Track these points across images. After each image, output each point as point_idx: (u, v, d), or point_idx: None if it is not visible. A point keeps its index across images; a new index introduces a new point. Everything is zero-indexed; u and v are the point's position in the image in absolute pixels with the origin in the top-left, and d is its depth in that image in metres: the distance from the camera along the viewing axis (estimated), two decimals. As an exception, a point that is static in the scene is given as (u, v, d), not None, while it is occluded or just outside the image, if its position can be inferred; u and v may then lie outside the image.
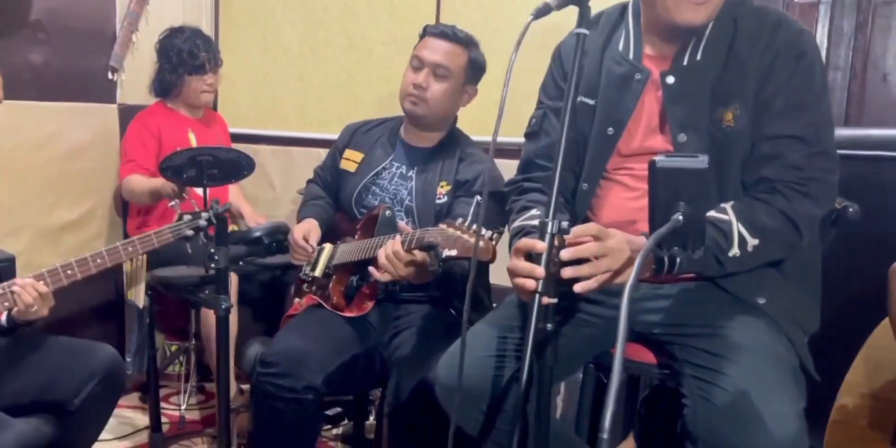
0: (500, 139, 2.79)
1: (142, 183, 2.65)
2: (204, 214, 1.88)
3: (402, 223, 1.96)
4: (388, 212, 2.04)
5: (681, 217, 1.06)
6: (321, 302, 2.12)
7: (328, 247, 2.12)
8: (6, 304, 1.66)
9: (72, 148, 2.81)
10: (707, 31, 1.43)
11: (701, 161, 1.07)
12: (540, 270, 1.16)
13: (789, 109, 1.37)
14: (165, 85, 2.83)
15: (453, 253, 1.66)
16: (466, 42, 2.09)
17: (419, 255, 1.76)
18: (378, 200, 2.14)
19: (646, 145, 1.48)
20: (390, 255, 1.78)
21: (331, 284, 2.11)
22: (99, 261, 1.76)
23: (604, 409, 0.81)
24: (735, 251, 1.32)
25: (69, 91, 2.79)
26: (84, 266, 1.75)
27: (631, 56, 1.49)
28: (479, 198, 1.96)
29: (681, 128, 1.43)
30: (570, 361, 1.37)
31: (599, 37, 1.53)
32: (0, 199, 2.59)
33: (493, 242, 1.64)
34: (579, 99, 1.51)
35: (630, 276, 1.15)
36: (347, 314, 2.07)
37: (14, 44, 2.58)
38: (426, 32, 2.12)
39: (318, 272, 2.10)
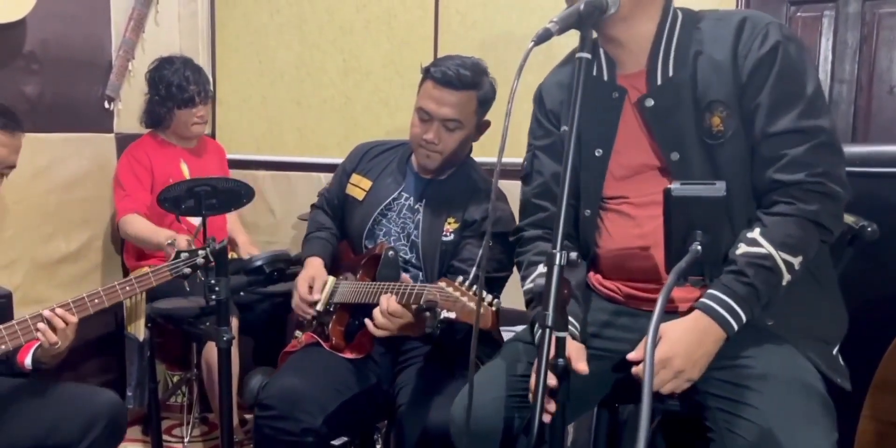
0: (506, 160, 2.78)
1: (143, 231, 2.60)
2: (201, 252, 1.85)
3: (404, 275, 1.88)
4: (390, 252, 1.96)
5: (699, 247, 1.01)
6: (320, 341, 2.06)
7: (331, 280, 2.06)
8: (3, 347, 1.62)
9: (68, 178, 2.77)
10: (674, 46, 1.41)
11: (718, 189, 1.03)
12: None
13: (779, 104, 1.34)
14: (155, 117, 2.79)
15: (452, 315, 1.61)
16: (474, 83, 1.92)
17: (416, 311, 1.72)
18: (384, 233, 2.07)
19: (636, 164, 1.46)
20: (385, 313, 1.75)
21: (331, 323, 2.04)
22: (97, 301, 1.74)
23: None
24: (787, 277, 1.30)
25: (65, 121, 2.76)
26: (81, 306, 1.72)
27: (605, 77, 1.48)
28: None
29: (671, 147, 1.41)
30: (584, 398, 1.33)
31: (574, 72, 1.52)
32: (-4, 232, 2.55)
33: (493, 308, 1.59)
34: (563, 128, 1.52)
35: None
36: (347, 355, 2.01)
37: (8, 75, 2.56)
38: (428, 76, 1.95)
39: (319, 306, 2.04)
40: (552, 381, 1.20)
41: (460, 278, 1.66)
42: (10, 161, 1.65)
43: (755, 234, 1.31)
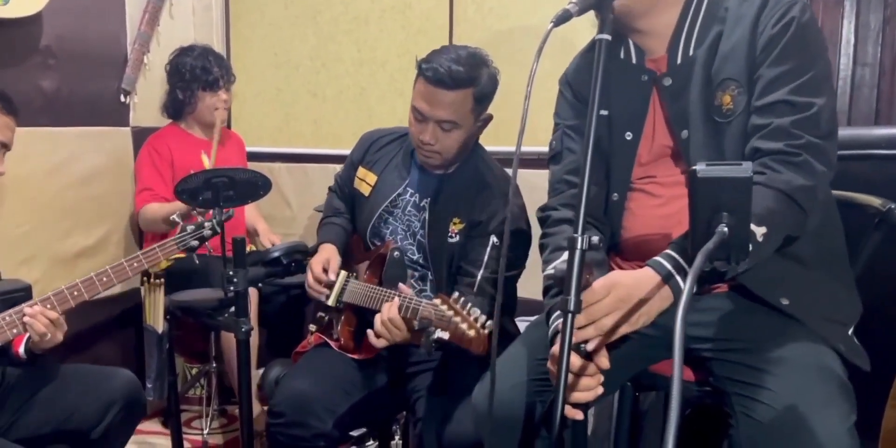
0: (513, 149, 2.75)
1: (160, 209, 2.62)
2: (207, 224, 1.86)
3: (402, 285, 1.82)
4: (395, 253, 1.93)
5: (726, 229, 0.99)
6: (329, 342, 2.04)
7: (342, 275, 2.03)
8: (14, 330, 1.63)
9: (86, 173, 2.78)
10: (697, 27, 1.40)
11: (744, 169, 1.01)
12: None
13: (779, 77, 1.32)
14: (178, 105, 2.80)
15: (445, 336, 1.57)
16: (469, 80, 1.80)
17: (414, 323, 1.69)
18: (390, 231, 2.02)
19: (659, 145, 1.45)
20: (386, 323, 1.72)
21: (340, 324, 2.03)
22: (105, 279, 1.73)
23: (665, 435, 0.74)
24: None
25: (81, 116, 2.77)
26: (90, 286, 1.71)
27: (634, 61, 1.47)
28: (493, 239, 1.87)
29: (681, 124, 1.40)
30: (605, 382, 1.31)
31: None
32: (14, 227, 2.56)
33: (486, 331, 1.54)
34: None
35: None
36: (356, 356, 1.99)
37: (25, 70, 2.56)
38: (420, 72, 1.84)
39: (331, 301, 2.02)
40: (576, 360, 1.18)
41: (455, 294, 1.61)
42: (3, 139, 1.64)
43: None
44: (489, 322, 1.54)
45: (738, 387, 1.28)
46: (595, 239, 1.07)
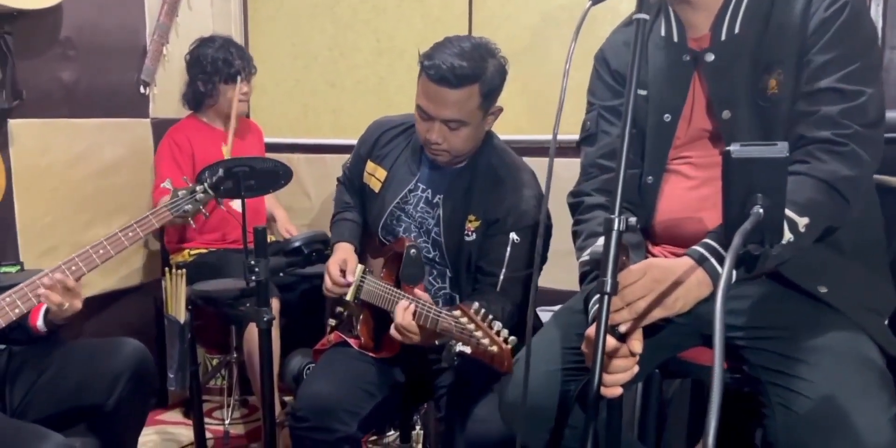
0: (532, 137, 2.73)
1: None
2: (199, 187, 1.85)
3: (418, 291, 1.78)
4: (412, 251, 1.87)
5: (761, 210, 0.97)
6: (348, 341, 2.02)
7: (358, 269, 2.00)
8: (17, 311, 1.61)
9: (106, 164, 2.79)
10: (744, 5, 1.37)
11: (779, 149, 0.99)
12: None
13: (829, 63, 1.29)
14: (199, 96, 2.79)
15: (467, 350, 1.53)
16: (474, 76, 1.71)
17: (428, 336, 1.66)
18: (403, 228, 1.97)
19: (697, 127, 1.42)
20: (401, 329, 1.69)
21: (359, 322, 2.01)
22: (101, 251, 1.72)
23: (706, 427, 0.73)
24: (788, 236, 1.20)
25: (101, 107, 2.77)
26: (87, 259, 1.70)
27: (675, 39, 1.44)
28: (514, 236, 1.82)
29: (723, 105, 1.37)
30: (641, 367, 1.29)
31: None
32: (35, 218, 2.58)
33: (509, 346, 1.48)
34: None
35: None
36: (376, 355, 1.96)
37: (45, 62, 2.57)
38: (422, 69, 1.76)
39: (349, 297, 2.00)
40: (611, 341, 1.17)
41: (475, 305, 1.55)
42: None
43: None
44: (512, 338, 1.49)
45: (773, 376, 1.26)
46: (632, 220, 1.05)
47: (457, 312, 1.56)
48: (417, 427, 2.56)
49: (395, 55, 2.94)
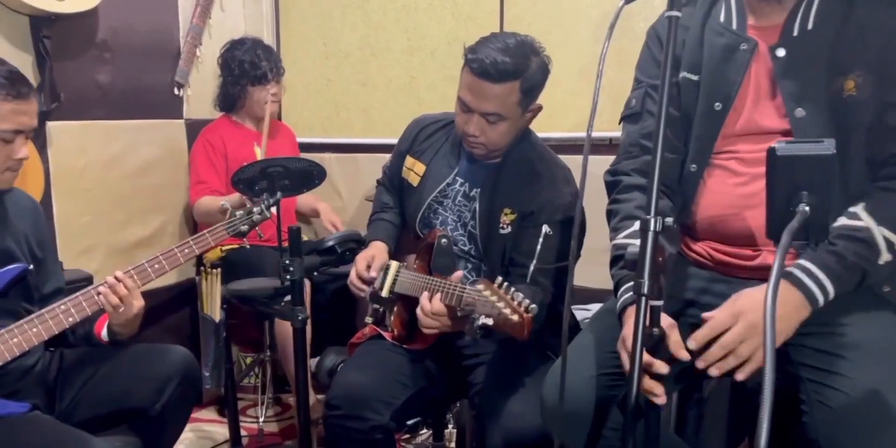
0: (567, 135, 2.71)
1: (212, 202, 2.65)
2: (256, 209, 1.87)
3: (458, 273, 1.78)
4: (443, 240, 1.89)
5: (807, 208, 0.96)
6: (382, 333, 2.03)
7: (394, 266, 2.01)
8: (70, 319, 1.64)
9: (141, 165, 2.83)
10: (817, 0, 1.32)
11: (826, 147, 0.97)
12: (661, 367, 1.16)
13: None
14: (229, 98, 2.82)
15: (489, 322, 1.54)
16: (516, 72, 1.73)
17: (458, 310, 1.67)
18: (440, 221, 1.99)
19: (758, 123, 1.38)
20: (429, 313, 1.70)
21: (392, 315, 2.02)
22: (157, 266, 1.74)
23: (758, 428, 0.72)
24: (886, 257, 1.21)
25: (136, 108, 2.81)
26: (143, 273, 1.72)
27: (734, 26, 1.40)
28: (546, 228, 1.83)
29: (797, 102, 1.33)
30: (683, 372, 1.28)
31: (699, 10, 1.44)
32: (73, 218, 2.62)
33: (529, 315, 1.51)
34: (683, 75, 1.43)
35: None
36: (410, 347, 1.97)
37: (81, 64, 2.61)
38: (466, 62, 1.78)
39: (384, 292, 2.01)
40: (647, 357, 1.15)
41: (499, 279, 1.57)
42: (31, 125, 1.66)
43: (857, 207, 1.24)
44: (533, 306, 1.52)
45: (813, 373, 1.25)
46: (669, 220, 1.04)
47: (480, 286, 1.59)
48: (450, 425, 2.56)
49: (426, 54, 2.94)
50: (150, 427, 1.76)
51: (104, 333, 1.75)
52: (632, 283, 1.34)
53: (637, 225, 1.35)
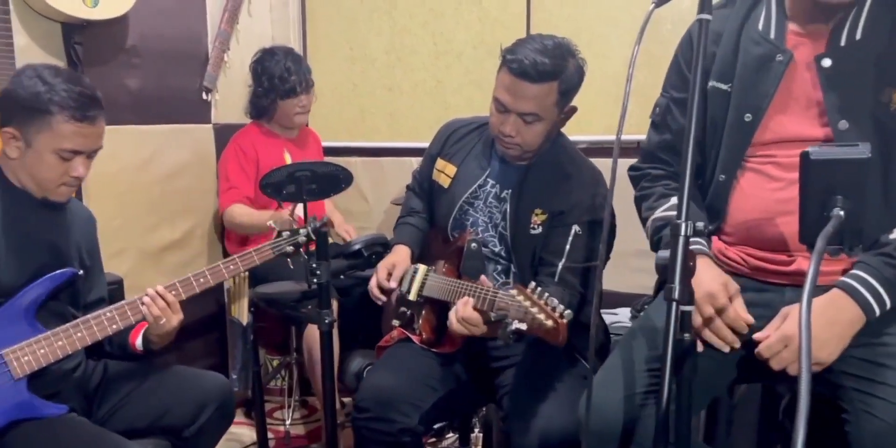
0: (595, 138, 2.70)
1: (246, 217, 2.67)
2: (302, 231, 1.88)
3: (483, 277, 1.79)
4: (473, 244, 1.90)
5: (841, 212, 0.94)
6: (410, 336, 2.03)
7: (422, 269, 2.02)
8: (115, 326, 1.68)
9: (170, 169, 2.85)
10: (867, 6, 1.30)
11: (861, 151, 0.96)
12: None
13: None
14: (260, 108, 2.85)
15: (523, 327, 1.53)
16: (554, 73, 1.75)
17: (491, 315, 1.66)
18: (471, 222, 1.99)
19: (795, 132, 1.35)
20: (460, 319, 1.70)
21: (421, 318, 2.02)
22: (202, 280, 1.78)
23: (794, 434, 0.71)
24: None
25: (165, 113, 2.83)
26: (187, 286, 1.76)
27: (772, 35, 1.37)
28: (576, 228, 1.83)
29: (841, 114, 1.30)
30: (711, 381, 1.27)
31: (736, 15, 1.42)
32: (105, 222, 2.62)
33: (564, 320, 1.50)
34: (712, 84, 1.42)
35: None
36: (438, 351, 1.97)
37: (112, 69, 2.64)
38: (504, 63, 1.79)
39: (412, 295, 2.01)
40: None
41: (532, 284, 1.57)
42: (98, 146, 1.70)
43: None
44: (567, 312, 1.51)
45: (857, 382, 1.23)
46: (699, 224, 1.03)
47: (513, 291, 1.58)
48: (476, 429, 2.56)
49: (453, 57, 2.95)
50: (181, 444, 1.80)
51: (139, 343, 1.78)
52: (671, 204, 1.40)
53: (674, 199, 1.39)
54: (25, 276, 1.65)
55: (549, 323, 1.50)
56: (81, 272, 1.76)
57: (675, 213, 1.36)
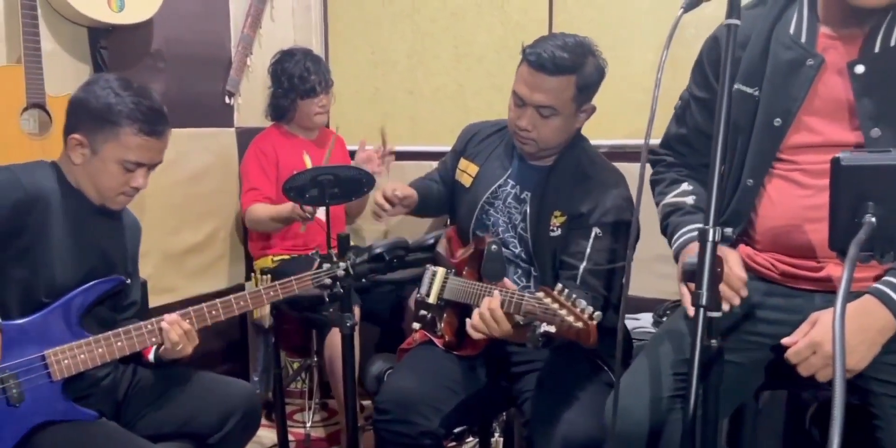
0: (616, 142, 2.69)
1: (267, 210, 2.69)
2: (342, 264, 1.89)
3: (506, 280, 1.79)
4: (493, 246, 1.89)
5: (873, 219, 0.93)
6: (433, 339, 2.03)
7: (441, 272, 2.02)
8: (154, 339, 1.70)
9: (193, 172, 2.87)
10: None
11: (893, 157, 0.95)
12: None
13: None
14: (280, 110, 2.86)
15: (552, 330, 1.52)
16: (572, 67, 1.77)
17: (517, 317, 1.65)
18: (492, 222, 2.00)
19: (825, 136, 1.34)
20: (485, 315, 1.68)
21: (442, 322, 2.02)
22: (242, 303, 1.79)
23: (829, 443, 0.70)
24: None
25: (189, 117, 2.85)
26: (228, 308, 1.78)
27: (803, 39, 1.36)
28: (596, 230, 1.82)
29: (874, 122, 1.28)
30: (738, 388, 1.26)
31: (766, 17, 1.40)
32: (129, 224, 2.67)
33: (594, 322, 1.49)
34: (736, 87, 1.41)
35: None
36: (460, 354, 1.97)
37: (137, 74, 2.66)
38: (524, 57, 1.83)
39: (431, 298, 2.01)
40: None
41: (559, 286, 1.56)
42: (160, 159, 1.74)
43: None
44: (597, 313, 1.50)
45: (889, 388, 1.22)
46: (728, 230, 1.03)
47: (540, 294, 1.58)
48: (496, 434, 2.55)
49: (474, 61, 2.95)
50: None
51: (151, 357, 1.79)
52: (689, 227, 1.43)
53: (684, 185, 1.45)
54: (76, 280, 1.68)
55: (579, 324, 1.49)
56: (129, 281, 1.80)
57: (683, 199, 1.40)
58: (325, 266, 1.87)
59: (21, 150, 2.13)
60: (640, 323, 2.41)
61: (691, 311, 1.06)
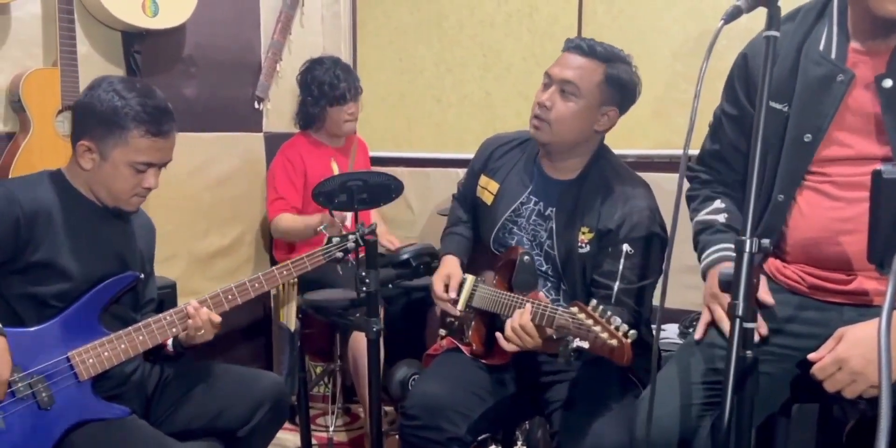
0: (644, 152, 2.68)
1: (296, 220, 2.71)
2: (351, 236, 1.91)
3: (540, 292, 1.80)
4: (525, 257, 1.87)
5: (915, 233, 0.93)
6: (460, 347, 2.03)
7: (470, 280, 2.01)
8: (174, 330, 1.72)
9: (221, 176, 2.90)
10: None
11: (936, 170, 0.94)
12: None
13: None
14: (309, 117, 2.89)
15: (585, 345, 1.52)
16: (605, 57, 1.82)
17: (549, 331, 1.65)
18: (515, 241, 1.97)
19: (857, 152, 1.34)
20: (517, 329, 1.68)
21: (470, 329, 2.02)
22: (257, 285, 1.81)
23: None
24: None
25: (218, 121, 2.89)
26: (243, 291, 1.80)
27: (833, 55, 1.35)
28: (626, 247, 1.80)
29: None
30: (768, 400, 1.26)
31: (795, 34, 1.40)
32: (158, 227, 2.68)
33: (629, 340, 1.48)
34: (770, 104, 1.40)
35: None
36: (488, 362, 1.96)
37: (170, 78, 2.70)
38: (564, 47, 1.90)
39: (460, 305, 2.01)
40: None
41: (594, 302, 1.56)
42: (170, 158, 1.75)
43: None
44: (632, 331, 1.48)
45: None
46: (765, 242, 1.03)
47: (574, 309, 1.57)
48: (519, 442, 2.54)
49: (502, 69, 2.96)
50: (235, 445, 1.83)
51: (170, 344, 1.80)
52: (717, 247, 1.45)
53: (717, 203, 1.49)
54: (90, 283, 1.69)
55: (614, 342, 1.47)
56: (143, 276, 1.80)
57: (715, 217, 1.41)
58: (335, 240, 1.89)
59: (56, 152, 2.16)
60: (666, 333, 2.41)
61: (725, 325, 1.06)
